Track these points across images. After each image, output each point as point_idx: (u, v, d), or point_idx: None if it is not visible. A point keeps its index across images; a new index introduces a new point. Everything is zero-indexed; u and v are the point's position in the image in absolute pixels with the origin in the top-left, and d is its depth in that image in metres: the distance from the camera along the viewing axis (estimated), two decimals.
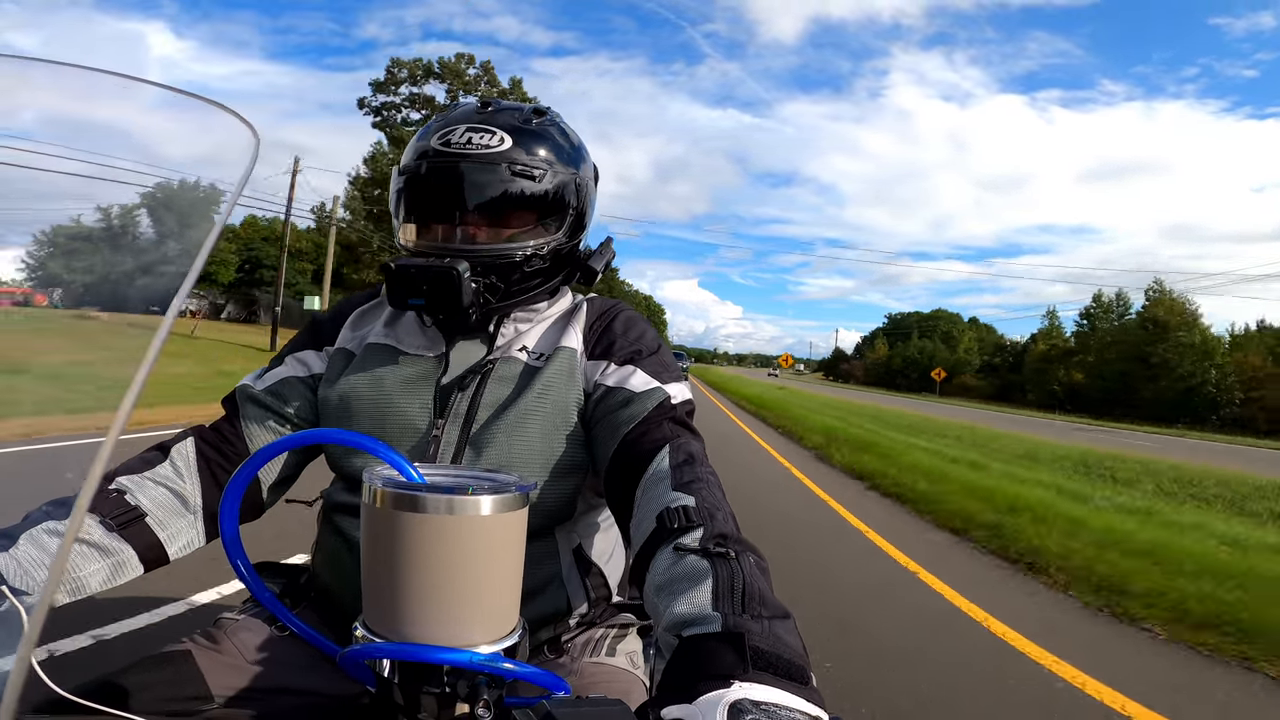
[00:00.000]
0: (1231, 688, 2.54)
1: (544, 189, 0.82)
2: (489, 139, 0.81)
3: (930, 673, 2.43)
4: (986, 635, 2.89)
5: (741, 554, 0.57)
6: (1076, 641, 2.86)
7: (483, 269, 0.80)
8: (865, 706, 2.09)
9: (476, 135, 0.81)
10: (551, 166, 0.83)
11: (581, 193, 0.87)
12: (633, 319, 0.90)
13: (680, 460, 0.71)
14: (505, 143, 0.81)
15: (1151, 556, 3.95)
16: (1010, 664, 2.60)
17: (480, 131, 0.81)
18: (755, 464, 7.87)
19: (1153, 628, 3.09)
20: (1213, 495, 7.67)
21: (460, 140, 0.81)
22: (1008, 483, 6.49)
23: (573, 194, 0.86)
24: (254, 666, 0.77)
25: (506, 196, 0.81)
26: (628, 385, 0.80)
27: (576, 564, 0.84)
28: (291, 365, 0.88)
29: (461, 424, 0.80)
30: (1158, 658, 2.82)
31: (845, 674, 2.30)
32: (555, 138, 0.86)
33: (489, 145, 0.80)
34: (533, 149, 0.82)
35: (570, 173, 0.85)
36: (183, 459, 0.79)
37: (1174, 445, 20.08)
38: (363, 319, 0.92)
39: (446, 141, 0.81)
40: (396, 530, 0.48)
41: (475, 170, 0.80)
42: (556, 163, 0.84)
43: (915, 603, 3.28)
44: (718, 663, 0.45)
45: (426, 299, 0.78)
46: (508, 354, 0.85)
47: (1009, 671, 2.53)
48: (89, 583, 0.67)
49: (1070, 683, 2.44)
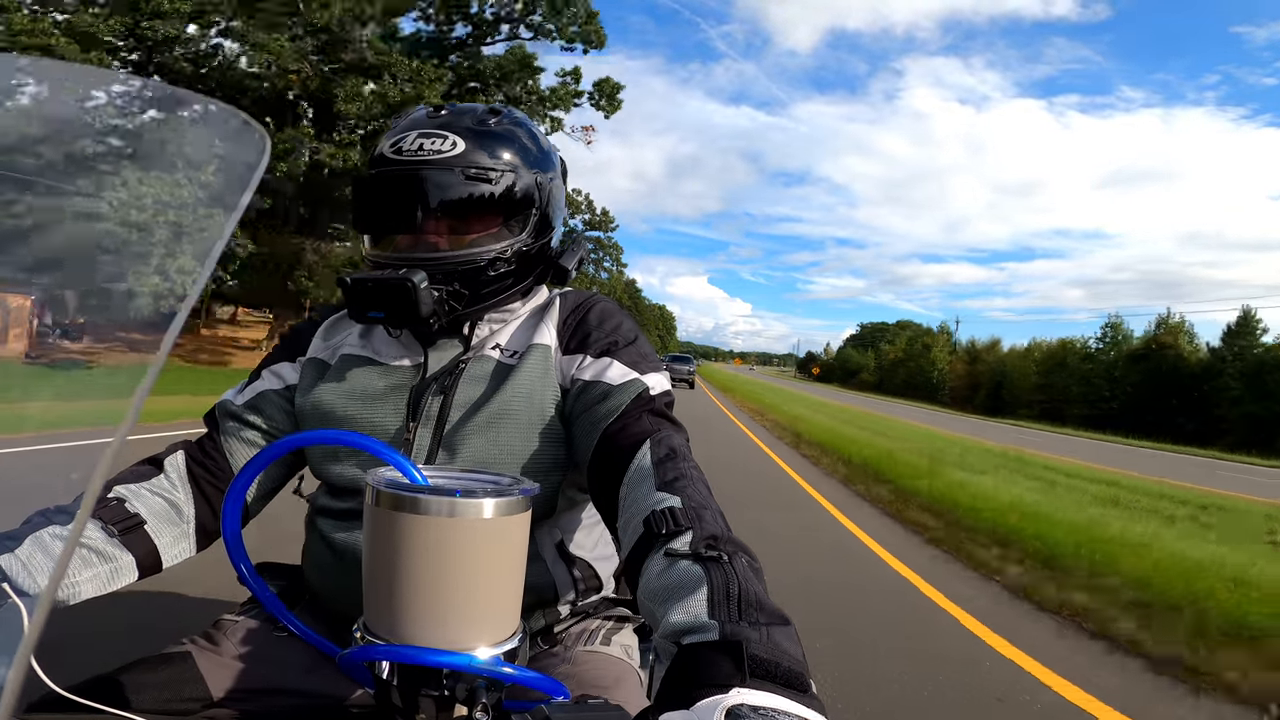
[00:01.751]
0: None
1: (503, 190, 0.81)
2: (441, 143, 0.79)
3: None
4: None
5: (734, 556, 0.56)
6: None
7: (444, 276, 0.78)
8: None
9: (428, 140, 0.79)
10: (511, 168, 0.81)
11: (544, 191, 0.85)
12: (608, 310, 0.88)
13: (662, 455, 0.70)
14: (458, 146, 0.79)
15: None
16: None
17: (432, 136, 0.80)
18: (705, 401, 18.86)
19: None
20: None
21: (411, 147, 0.79)
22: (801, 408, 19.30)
23: (535, 193, 0.83)
24: (253, 668, 0.77)
25: (463, 201, 0.79)
26: (605, 378, 0.79)
27: (560, 556, 0.84)
28: (268, 379, 0.88)
29: (434, 426, 0.79)
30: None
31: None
32: (514, 137, 0.84)
33: (442, 150, 0.79)
34: (490, 150, 0.81)
35: (531, 172, 0.83)
36: (175, 471, 0.80)
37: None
38: (334, 328, 0.91)
39: (398, 149, 0.80)
40: (397, 532, 0.48)
41: (429, 176, 0.78)
42: (516, 164, 0.82)
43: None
44: (716, 671, 0.45)
45: (385, 312, 0.77)
46: (480, 353, 0.84)
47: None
48: (86, 587, 0.68)
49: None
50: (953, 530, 4.93)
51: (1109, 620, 3.23)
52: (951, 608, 3.32)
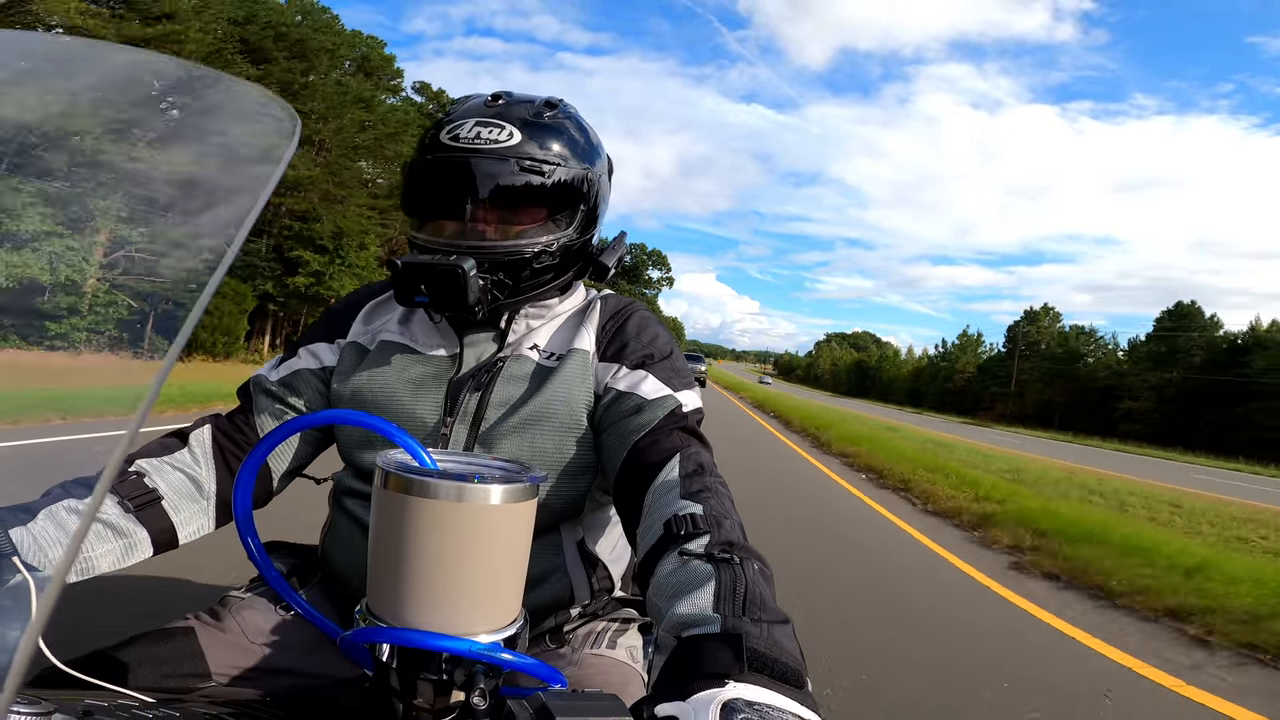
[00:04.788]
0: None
1: (555, 184, 0.81)
2: (498, 133, 0.80)
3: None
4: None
5: (746, 560, 0.57)
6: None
7: (491, 266, 0.79)
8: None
9: (486, 130, 0.80)
10: (563, 161, 0.82)
11: (593, 188, 0.86)
12: (646, 320, 0.89)
13: (690, 470, 0.71)
14: (515, 137, 0.80)
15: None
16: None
17: (490, 126, 0.80)
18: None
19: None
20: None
21: (469, 135, 0.80)
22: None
23: (585, 189, 0.84)
24: (255, 646, 0.78)
25: (516, 192, 0.80)
26: (639, 391, 0.79)
27: (580, 557, 0.84)
28: (304, 357, 0.89)
29: (470, 423, 0.80)
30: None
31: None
32: (568, 131, 0.84)
33: (498, 140, 0.79)
34: (544, 143, 0.81)
35: (582, 167, 0.84)
36: (200, 446, 0.80)
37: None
38: (375, 313, 0.92)
39: (455, 136, 0.80)
40: (404, 515, 0.48)
41: (484, 166, 0.79)
42: (568, 157, 0.83)
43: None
44: (714, 662, 0.45)
45: (432, 297, 0.77)
46: (518, 352, 0.84)
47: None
48: (100, 563, 0.68)
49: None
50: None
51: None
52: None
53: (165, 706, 0.54)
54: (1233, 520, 7.87)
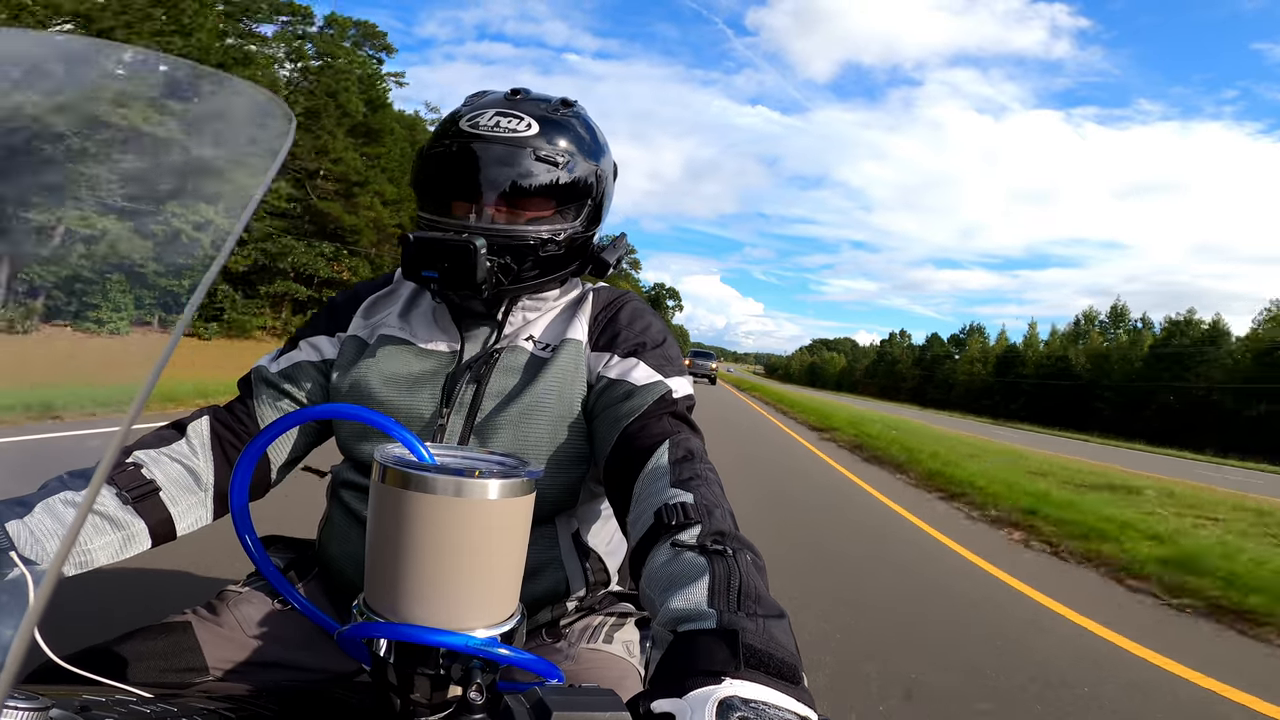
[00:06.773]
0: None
1: (565, 177, 0.83)
2: (517, 124, 0.82)
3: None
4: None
5: (738, 551, 0.57)
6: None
7: (498, 249, 0.80)
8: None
9: (505, 119, 0.82)
10: (574, 156, 0.84)
11: (600, 185, 0.88)
12: (639, 310, 0.90)
13: (679, 456, 0.71)
14: (533, 128, 0.82)
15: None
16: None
17: (509, 116, 0.82)
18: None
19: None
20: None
21: (489, 123, 0.82)
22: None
23: (592, 185, 0.86)
24: (253, 640, 0.78)
25: (528, 181, 0.82)
26: (629, 378, 0.80)
27: (575, 549, 0.85)
28: (305, 349, 0.89)
29: (466, 413, 0.81)
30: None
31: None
32: (580, 129, 0.87)
33: (516, 130, 0.81)
34: (557, 138, 0.83)
35: (591, 164, 0.86)
36: (198, 437, 0.80)
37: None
38: (375, 307, 0.92)
39: (475, 124, 0.82)
40: (401, 509, 0.48)
41: (500, 153, 0.81)
42: (579, 153, 0.85)
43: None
44: (710, 659, 0.45)
45: (441, 273, 0.79)
46: (514, 343, 0.85)
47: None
48: (97, 555, 0.68)
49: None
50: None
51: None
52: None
53: (163, 702, 0.54)
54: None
